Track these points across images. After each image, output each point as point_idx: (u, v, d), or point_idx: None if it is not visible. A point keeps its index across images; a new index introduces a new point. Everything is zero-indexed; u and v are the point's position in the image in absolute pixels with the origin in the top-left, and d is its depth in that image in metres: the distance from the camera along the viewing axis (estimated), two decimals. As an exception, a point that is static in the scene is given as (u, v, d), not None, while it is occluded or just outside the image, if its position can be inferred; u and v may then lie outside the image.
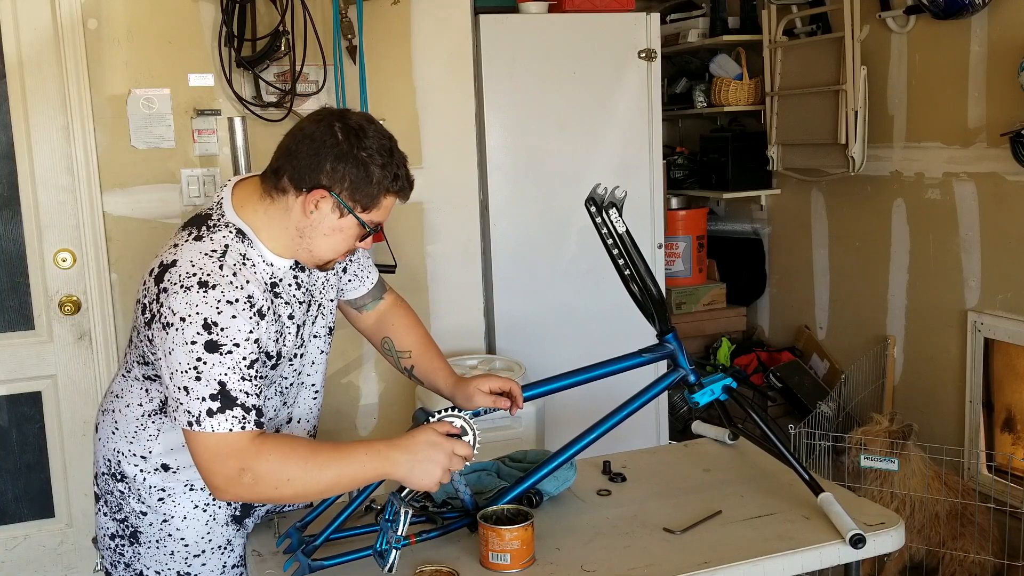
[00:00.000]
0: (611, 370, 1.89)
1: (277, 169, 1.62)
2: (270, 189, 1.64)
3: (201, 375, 1.49)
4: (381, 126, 1.65)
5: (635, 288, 1.88)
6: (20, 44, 2.89)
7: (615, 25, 3.56)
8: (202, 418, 1.48)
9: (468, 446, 1.64)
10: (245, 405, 1.51)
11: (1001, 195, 3.19)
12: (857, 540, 1.68)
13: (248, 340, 1.53)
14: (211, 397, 1.49)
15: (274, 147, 1.66)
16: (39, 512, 3.10)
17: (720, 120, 4.71)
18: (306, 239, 1.64)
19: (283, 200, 1.63)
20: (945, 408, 3.47)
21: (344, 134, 1.59)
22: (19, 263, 2.98)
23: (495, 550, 1.62)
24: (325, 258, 1.68)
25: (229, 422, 1.49)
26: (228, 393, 1.49)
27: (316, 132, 1.60)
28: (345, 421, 3.39)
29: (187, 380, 1.49)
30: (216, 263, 1.56)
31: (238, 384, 1.51)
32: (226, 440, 1.48)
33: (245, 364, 1.52)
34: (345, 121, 1.61)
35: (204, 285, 1.52)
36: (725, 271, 4.61)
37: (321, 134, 1.59)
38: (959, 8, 3.15)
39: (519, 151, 3.51)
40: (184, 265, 1.55)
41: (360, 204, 1.62)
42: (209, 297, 1.51)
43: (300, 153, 1.60)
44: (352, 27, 3.14)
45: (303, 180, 1.60)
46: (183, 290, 1.51)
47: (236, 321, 1.52)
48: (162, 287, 1.54)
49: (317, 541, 1.69)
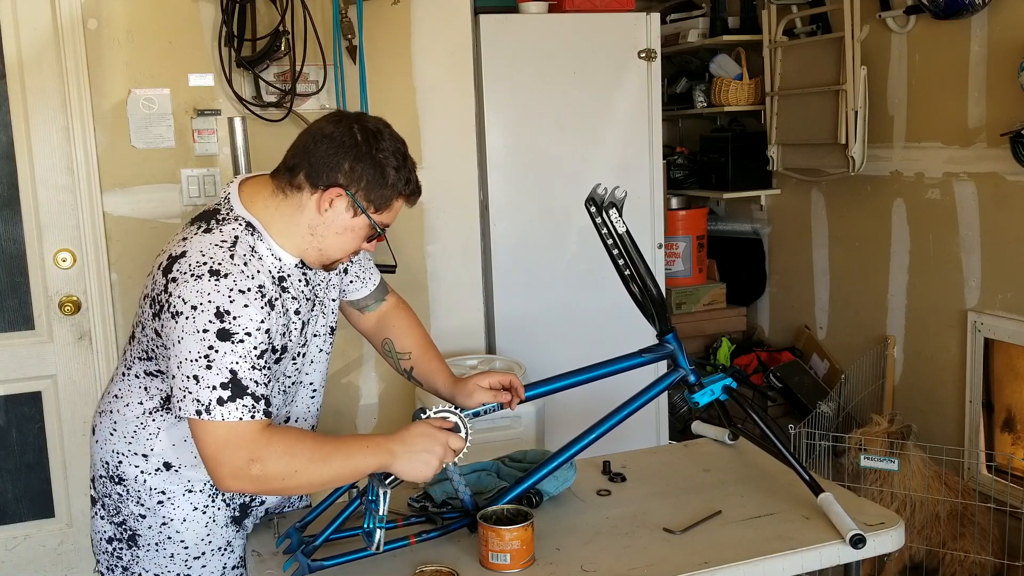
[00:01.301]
0: (611, 370, 1.89)
1: (293, 166, 1.64)
2: (283, 185, 1.65)
3: (212, 363, 1.49)
4: (395, 131, 1.69)
5: (635, 288, 1.88)
6: (20, 44, 2.89)
7: (615, 25, 3.56)
8: (212, 407, 1.48)
9: (461, 439, 1.67)
10: (255, 394, 1.51)
11: (1001, 195, 3.19)
12: (857, 540, 1.68)
13: (259, 329, 1.53)
14: (222, 386, 1.49)
15: (274, 147, 1.67)
16: (39, 512, 3.10)
17: (720, 120, 4.71)
18: (317, 237, 1.65)
19: (296, 197, 1.64)
20: (945, 408, 3.47)
21: (363, 136, 1.62)
22: (19, 263, 2.98)
23: (495, 550, 1.63)
24: (333, 257, 1.69)
25: (239, 411, 1.49)
26: (239, 382, 1.49)
27: (335, 132, 1.62)
28: (345, 421, 3.39)
29: (197, 369, 1.49)
30: (227, 252, 1.57)
31: (248, 373, 1.51)
32: (236, 429, 1.49)
33: (256, 354, 1.52)
34: (363, 123, 1.64)
35: (215, 274, 1.52)
36: (725, 271, 4.61)
37: (340, 134, 1.62)
38: (959, 8, 3.15)
39: (519, 151, 3.51)
40: (194, 255, 1.55)
41: (374, 205, 1.64)
42: (221, 285, 1.52)
43: (318, 152, 1.61)
44: (352, 27, 3.14)
45: (320, 178, 1.61)
46: (194, 279, 1.52)
47: (248, 310, 1.52)
48: (171, 277, 1.54)
49: (317, 541, 1.69)
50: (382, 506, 1.60)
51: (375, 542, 1.60)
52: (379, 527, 1.60)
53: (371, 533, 1.61)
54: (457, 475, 1.75)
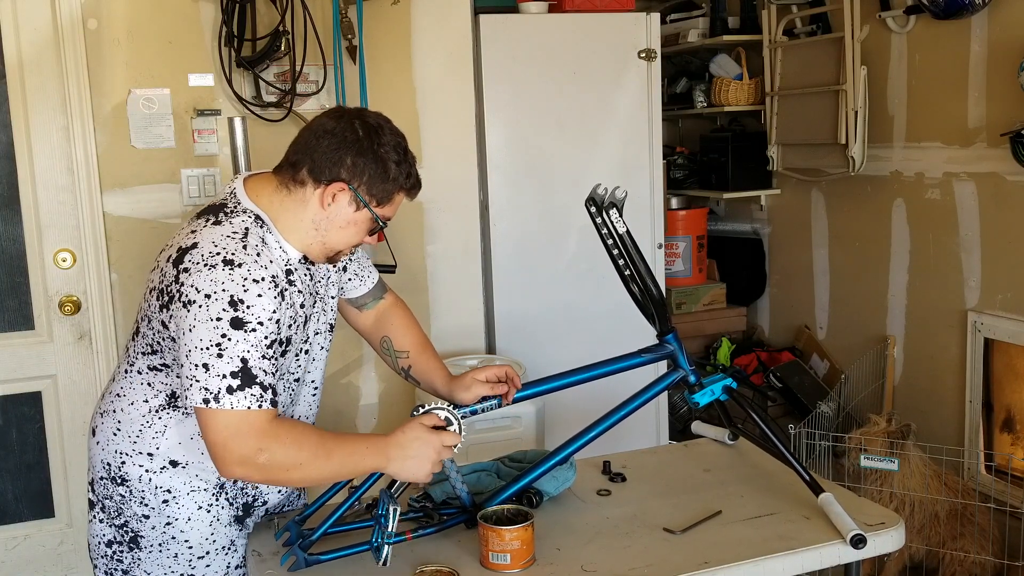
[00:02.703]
0: (611, 370, 1.89)
1: (295, 162, 1.66)
2: (287, 181, 1.67)
3: (223, 352, 1.50)
4: (395, 126, 1.71)
5: (635, 288, 1.88)
6: (20, 44, 2.89)
7: (615, 25, 3.56)
8: (221, 395, 1.49)
9: (455, 435, 1.69)
10: (263, 384, 1.52)
11: (1001, 195, 3.19)
12: (858, 540, 1.68)
13: (271, 319, 1.55)
14: (232, 375, 1.50)
15: (274, 147, 1.68)
16: (39, 512, 3.10)
17: (720, 120, 4.71)
18: (320, 231, 1.67)
19: (300, 192, 1.66)
20: (945, 408, 3.47)
21: (364, 131, 1.65)
22: (19, 263, 2.98)
23: (495, 550, 1.63)
24: (336, 249, 1.71)
25: (248, 400, 1.50)
26: (249, 371, 1.51)
27: (336, 128, 1.64)
28: (345, 421, 3.40)
29: (207, 357, 1.50)
30: (239, 243, 1.58)
31: (259, 363, 1.52)
32: (246, 418, 1.50)
33: (266, 343, 1.54)
34: (364, 119, 1.67)
35: (229, 263, 1.54)
36: (725, 271, 4.61)
37: (342, 130, 1.64)
38: (959, 8, 3.15)
39: (519, 151, 3.51)
40: (206, 246, 1.56)
41: (376, 199, 1.67)
42: (235, 275, 1.53)
43: (320, 147, 1.64)
44: (352, 27, 3.14)
45: (323, 173, 1.64)
46: (207, 268, 1.53)
47: (262, 300, 1.54)
48: (182, 267, 1.55)
49: (314, 536, 1.70)
50: (391, 523, 1.61)
51: (382, 557, 1.60)
52: (387, 543, 1.60)
53: (379, 548, 1.61)
54: (455, 472, 1.75)
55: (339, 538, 1.75)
